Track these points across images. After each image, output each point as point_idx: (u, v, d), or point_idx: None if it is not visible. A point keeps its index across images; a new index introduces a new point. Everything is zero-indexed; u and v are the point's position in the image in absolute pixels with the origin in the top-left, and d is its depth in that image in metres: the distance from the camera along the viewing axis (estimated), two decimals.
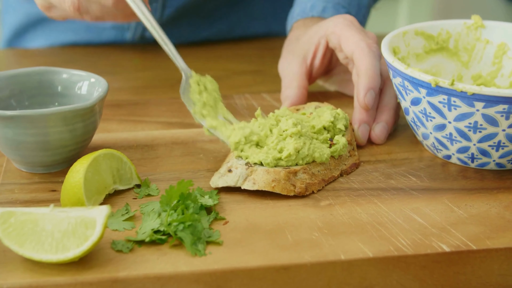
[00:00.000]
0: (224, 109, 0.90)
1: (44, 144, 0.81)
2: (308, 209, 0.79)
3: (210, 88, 0.90)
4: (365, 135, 0.91)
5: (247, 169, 0.81)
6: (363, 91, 0.90)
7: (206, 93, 0.89)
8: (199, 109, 0.87)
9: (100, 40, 1.34)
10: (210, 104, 0.88)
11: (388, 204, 0.80)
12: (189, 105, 0.87)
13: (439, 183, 0.84)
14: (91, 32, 1.33)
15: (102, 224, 0.69)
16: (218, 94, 0.90)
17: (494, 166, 0.86)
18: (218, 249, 0.72)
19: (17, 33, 1.35)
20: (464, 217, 0.77)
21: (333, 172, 0.84)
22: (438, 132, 0.85)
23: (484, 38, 0.98)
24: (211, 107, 0.88)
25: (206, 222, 0.75)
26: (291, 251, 0.71)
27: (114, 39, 1.34)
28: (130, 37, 1.31)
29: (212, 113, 0.88)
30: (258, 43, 1.40)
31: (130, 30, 1.30)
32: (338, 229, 0.75)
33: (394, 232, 0.75)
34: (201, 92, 0.89)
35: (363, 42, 0.92)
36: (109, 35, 1.33)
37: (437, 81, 0.81)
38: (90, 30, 1.33)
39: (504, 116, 0.80)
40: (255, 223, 0.76)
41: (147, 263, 0.70)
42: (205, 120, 0.86)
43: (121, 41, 1.34)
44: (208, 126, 0.86)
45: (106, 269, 0.69)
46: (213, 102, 0.89)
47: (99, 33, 1.33)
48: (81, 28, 1.33)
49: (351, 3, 1.11)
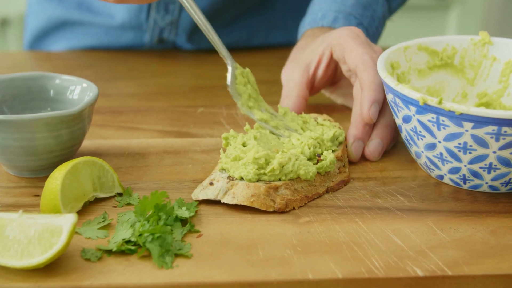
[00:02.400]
0: (264, 102, 0.92)
1: (30, 149, 0.81)
2: (285, 225, 0.77)
3: (252, 80, 0.91)
4: (358, 152, 0.89)
5: (227, 182, 0.80)
6: (368, 104, 0.88)
7: (249, 85, 0.89)
8: (245, 101, 0.88)
9: (119, 44, 1.35)
10: (253, 96, 0.89)
11: (370, 223, 0.78)
12: (235, 97, 0.88)
13: (427, 204, 0.82)
14: (110, 36, 1.34)
15: (67, 232, 0.69)
16: (257, 87, 0.91)
17: (488, 188, 0.83)
18: (186, 262, 0.71)
19: (39, 36, 1.37)
20: (445, 241, 0.75)
21: (318, 188, 0.83)
22: (429, 152, 0.83)
23: (491, 55, 0.95)
24: (254, 99, 0.89)
25: (179, 234, 0.75)
26: (259, 268, 0.70)
27: (133, 43, 1.34)
28: (148, 39, 1.32)
29: (256, 105, 0.89)
30: (278, 52, 1.38)
31: (148, 31, 1.30)
32: (312, 247, 0.74)
33: (369, 253, 0.73)
34: (246, 84, 0.89)
35: (366, 55, 0.91)
36: (128, 38, 1.34)
37: (425, 99, 0.78)
38: (109, 33, 1.34)
39: (494, 138, 0.77)
40: (229, 238, 0.75)
41: (113, 273, 0.69)
42: (252, 112, 0.88)
43: (139, 45, 1.34)
44: (258, 119, 0.87)
45: (71, 277, 0.69)
46: (256, 95, 0.90)
47: (118, 37, 1.34)
48: (100, 32, 1.34)
49: (363, 14, 1.09)
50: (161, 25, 1.29)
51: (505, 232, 0.77)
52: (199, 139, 0.96)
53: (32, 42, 1.39)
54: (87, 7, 1.32)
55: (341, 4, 1.09)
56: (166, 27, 1.30)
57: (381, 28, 1.14)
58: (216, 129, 0.99)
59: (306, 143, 0.84)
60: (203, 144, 0.94)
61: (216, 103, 1.09)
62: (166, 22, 1.29)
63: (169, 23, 1.29)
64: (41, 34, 1.37)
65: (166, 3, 1.27)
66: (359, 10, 1.09)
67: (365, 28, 1.09)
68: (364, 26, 1.09)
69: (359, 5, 1.09)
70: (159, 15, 1.28)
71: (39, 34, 1.37)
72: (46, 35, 1.37)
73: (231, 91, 0.88)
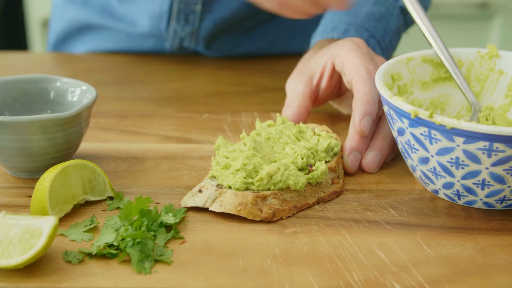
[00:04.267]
0: None
1: (25, 151, 0.83)
2: (270, 235, 0.77)
3: None
4: (354, 163, 0.89)
5: (216, 190, 0.80)
6: (359, 117, 0.87)
7: None
8: None
9: (140, 48, 1.36)
10: None
11: (356, 236, 0.77)
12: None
13: (418, 219, 0.80)
14: (131, 41, 1.35)
15: (47, 234, 0.70)
16: None
17: (482, 205, 0.81)
18: (165, 268, 0.71)
19: (62, 38, 1.39)
20: (431, 257, 0.74)
21: (308, 199, 0.82)
22: (423, 166, 0.81)
23: (499, 68, 0.93)
24: None
25: (163, 240, 0.75)
26: (237, 277, 0.70)
27: (154, 48, 1.35)
28: (169, 46, 1.33)
29: None
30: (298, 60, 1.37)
31: (168, 39, 1.31)
32: (294, 258, 0.73)
33: (350, 267, 0.72)
34: None
35: (362, 67, 0.90)
36: (149, 44, 1.35)
37: (416, 112, 0.77)
38: (130, 39, 1.35)
39: (486, 154, 0.75)
40: (211, 245, 0.75)
41: (91, 276, 0.70)
42: None
43: (160, 51, 1.35)
44: None
45: (49, 279, 0.69)
46: None
47: (140, 43, 1.35)
48: (122, 37, 1.35)
49: (376, 27, 1.08)
50: (181, 35, 1.30)
51: (495, 250, 0.75)
52: (199, 145, 0.96)
53: (56, 44, 1.41)
54: (110, 12, 1.34)
55: (353, 16, 1.08)
56: (186, 37, 1.31)
57: (395, 41, 1.13)
58: (217, 135, 0.99)
59: (300, 153, 0.84)
60: (202, 151, 0.95)
61: (221, 110, 1.09)
62: (186, 32, 1.30)
63: (189, 33, 1.30)
64: (64, 36, 1.39)
65: (187, 14, 1.28)
66: (371, 22, 1.08)
67: (377, 40, 1.08)
68: (376, 39, 1.08)
69: (372, 18, 1.08)
70: (179, 25, 1.29)
71: (62, 37, 1.39)
72: (69, 37, 1.39)
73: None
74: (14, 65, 1.30)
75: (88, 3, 1.33)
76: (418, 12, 0.91)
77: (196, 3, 1.28)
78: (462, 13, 2.73)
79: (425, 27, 0.90)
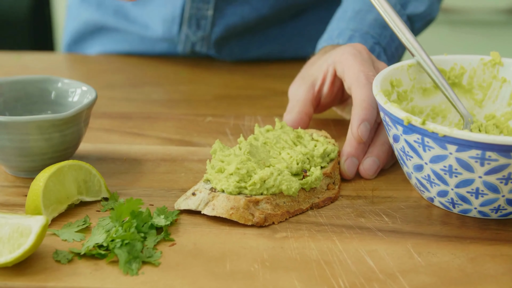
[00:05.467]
0: None
1: (23, 150, 0.84)
2: (260, 240, 0.77)
3: None
4: (351, 169, 0.88)
5: (209, 194, 0.80)
6: (357, 123, 0.87)
7: None
8: None
9: (153, 51, 1.37)
10: None
11: (347, 243, 0.76)
12: None
13: (412, 226, 0.80)
14: (145, 44, 1.36)
15: (36, 233, 0.70)
16: None
17: (477, 214, 0.80)
18: (152, 270, 0.72)
19: (76, 39, 1.41)
20: (420, 265, 0.73)
21: (302, 204, 0.82)
22: (418, 173, 0.81)
23: (502, 76, 0.92)
24: None
25: (152, 241, 0.76)
26: (222, 281, 0.70)
27: (167, 51, 1.36)
28: (181, 50, 1.33)
29: None
30: None
31: (180, 43, 1.32)
32: (281, 263, 0.73)
33: (337, 273, 0.71)
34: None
35: (361, 73, 0.89)
36: (162, 47, 1.36)
37: (409, 119, 0.77)
38: (143, 42, 1.36)
39: (479, 162, 0.74)
40: (201, 248, 0.75)
41: (79, 276, 0.71)
42: None
43: (173, 53, 1.36)
44: None
45: (37, 278, 0.70)
46: None
47: (152, 45, 1.36)
48: (135, 40, 1.36)
49: (382, 34, 1.08)
50: (192, 40, 1.31)
51: (485, 260, 0.74)
52: (199, 148, 0.97)
53: (70, 45, 1.43)
54: (123, 14, 1.35)
55: (359, 23, 1.08)
56: (198, 42, 1.31)
57: (401, 49, 1.12)
58: (219, 138, 0.99)
59: (295, 158, 0.84)
60: (201, 153, 0.95)
61: (229, 114, 1.10)
62: (198, 37, 1.30)
63: (200, 38, 1.31)
64: (78, 37, 1.41)
65: (198, 19, 1.28)
66: (377, 29, 1.08)
67: (383, 48, 1.07)
68: (382, 46, 1.07)
69: (378, 25, 1.07)
70: (191, 30, 1.30)
71: (76, 38, 1.41)
72: (83, 38, 1.40)
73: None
74: (29, 66, 1.32)
75: (102, 4, 1.35)
76: (397, 24, 0.89)
77: (208, 9, 1.28)
78: (489, 20, 2.70)
79: (406, 38, 0.89)
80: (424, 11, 1.13)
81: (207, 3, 1.27)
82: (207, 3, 1.27)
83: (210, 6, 1.28)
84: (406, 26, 0.90)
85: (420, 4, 1.13)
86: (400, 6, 1.11)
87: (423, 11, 1.13)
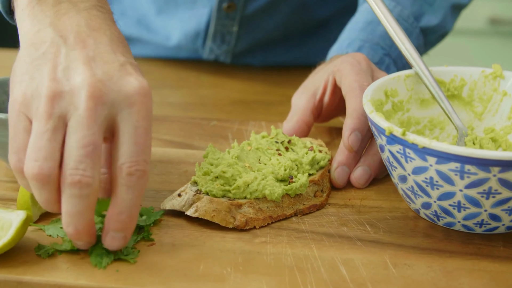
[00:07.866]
0: None
1: None
2: (239, 244, 0.78)
3: None
4: (341, 178, 0.88)
5: (194, 195, 0.81)
6: (348, 132, 0.87)
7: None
8: None
9: (177, 56, 1.39)
10: None
11: (324, 251, 0.77)
12: None
13: (393, 237, 0.79)
14: (167, 51, 1.39)
15: (15, 227, 0.73)
16: None
17: (461, 227, 0.80)
18: (127, 268, 0.73)
19: None
20: (393, 277, 0.73)
21: (285, 210, 0.82)
22: (402, 184, 0.81)
23: (503, 89, 0.91)
24: None
25: (132, 240, 0.77)
26: (192, 283, 0.71)
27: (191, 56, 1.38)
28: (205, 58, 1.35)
29: None
30: None
31: (204, 54, 1.34)
32: (254, 268, 0.74)
33: (308, 280, 0.72)
34: None
35: (356, 83, 0.90)
36: (186, 53, 1.38)
37: (391, 129, 0.77)
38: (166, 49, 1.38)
39: (459, 175, 0.74)
40: (178, 250, 0.76)
41: (55, 271, 0.73)
42: None
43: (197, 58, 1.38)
44: None
45: (15, 270, 0.72)
46: None
47: (176, 52, 1.38)
48: (160, 47, 1.38)
49: (392, 45, 1.07)
50: (216, 53, 1.33)
51: (461, 274, 0.73)
52: (197, 151, 0.98)
53: None
54: (145, 25, 1.37)
55: (370, 34, 1.08)
56: (222, 54, 1.33)
57: None
58: (219, 142, 1.01)
59: (283, 164, 0.84)
60: (199, 157, 0.96)
61: (237, 118, 1.11)
62: (222, 50, 1.32)
63: (224, 51, 1.32)
64: None
65: (223, 34, 1.30)
66: (388, 41, 1.07)
67: (393, 59, 1.07)
68: (392, 58, 1.07)
69: (389, 36, 1.07)
70: (215, 44, 1.32)
71: None
72: None
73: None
74: None
75: (125, 13, 1.37)
76: (398, 34, 0.89)
77: (233, 25, 1.30)
78: None
79: (405, 48, 0.89)
80: (437, 24, 1.12)
81: (232, 20, 1.29)
82: (232, 20, 1.29)
83: (235, 22, 1.29)
84: (407, 37, 0.89)
85: (434, 17, 1.12)
86: (413, 19, 1.11)
87: (437, 24, 1.12)
